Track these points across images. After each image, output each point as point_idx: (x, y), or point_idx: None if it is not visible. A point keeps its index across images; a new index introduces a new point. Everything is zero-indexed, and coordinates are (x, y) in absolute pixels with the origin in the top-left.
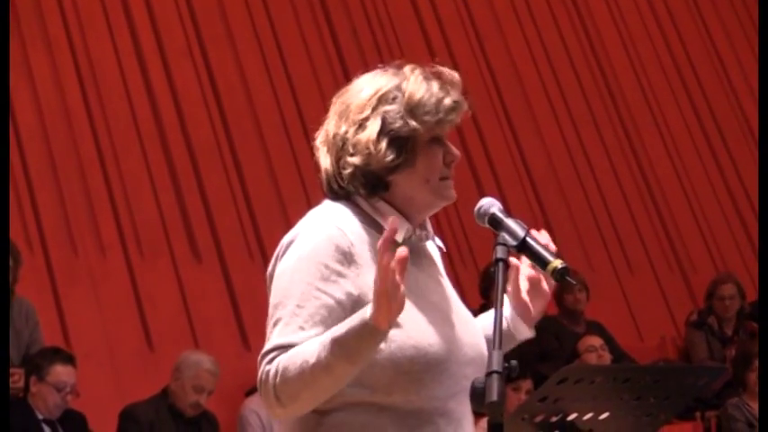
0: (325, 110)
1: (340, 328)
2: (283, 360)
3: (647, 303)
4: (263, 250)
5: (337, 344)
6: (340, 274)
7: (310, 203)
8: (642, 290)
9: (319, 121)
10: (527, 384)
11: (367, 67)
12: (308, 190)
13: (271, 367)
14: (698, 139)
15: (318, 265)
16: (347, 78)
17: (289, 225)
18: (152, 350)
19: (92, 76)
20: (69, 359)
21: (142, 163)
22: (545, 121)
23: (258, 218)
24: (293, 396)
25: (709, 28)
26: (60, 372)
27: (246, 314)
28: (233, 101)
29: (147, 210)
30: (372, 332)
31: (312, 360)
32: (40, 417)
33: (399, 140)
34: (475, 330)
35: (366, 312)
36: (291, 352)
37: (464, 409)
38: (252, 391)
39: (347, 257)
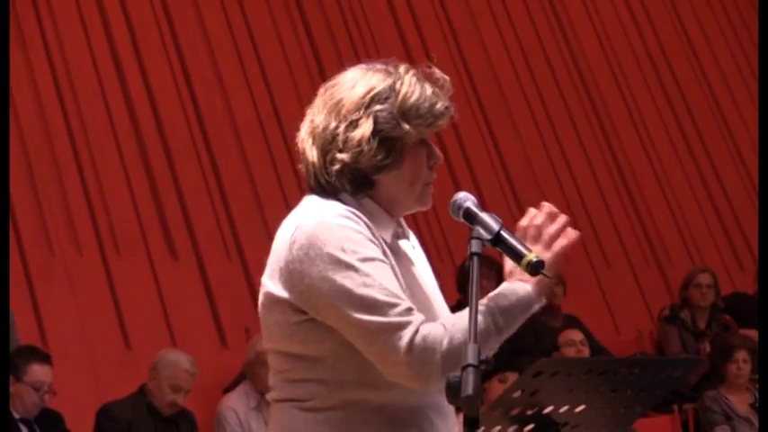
0: (302, 107)
1: (503, 299)
2: (439, 330)
3: (624, 297)
4: (239, 248)
5: (507, 313)
6: (377, 245)
7: (287, 201)
8: (619, 284)
9: (296, 119)
10: (514, 377)
11: (343, 65)
12: (284, 188)
13: (425, 335)
14: (674, 133)
15: (364, 240)
16: (323, 77)
17: (265, 222)
18: (129, 348)
19: (67, 75)
20: (46, 358)
21: (118, 162)
22: (521, 116)
23: (235, 216)
24: (458, 363)
25: (682, 18)
26: (37, 371)
27: (223, 311)
28: (209, 99)
29: (124, 208)
30: (532, 306)
31: (481, 327)
32: (17, 416)
33: (389, 141)
34: None
35: (523, 288)
36: (447, 322)
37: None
38: (229, 388)
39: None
